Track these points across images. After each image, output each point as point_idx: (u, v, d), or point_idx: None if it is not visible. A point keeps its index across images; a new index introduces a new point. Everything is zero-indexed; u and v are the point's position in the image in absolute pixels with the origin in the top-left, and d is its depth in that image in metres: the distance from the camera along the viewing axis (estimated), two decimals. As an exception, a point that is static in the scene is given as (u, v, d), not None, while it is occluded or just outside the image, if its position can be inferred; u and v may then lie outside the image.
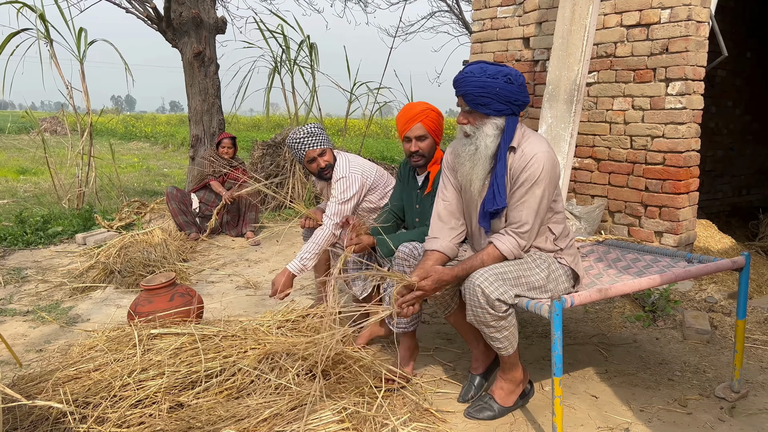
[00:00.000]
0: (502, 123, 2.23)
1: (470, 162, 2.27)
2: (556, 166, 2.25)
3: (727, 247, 4.56)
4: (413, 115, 2.73)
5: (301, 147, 3.23)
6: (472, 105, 2.21)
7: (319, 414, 2.17)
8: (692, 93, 4.10)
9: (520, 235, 2.23)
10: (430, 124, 2.73)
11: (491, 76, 2.17)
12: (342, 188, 3.21)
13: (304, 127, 3.27)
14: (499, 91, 2.17)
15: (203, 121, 6.99)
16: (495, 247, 2.23)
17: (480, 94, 2.17)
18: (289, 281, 3.11)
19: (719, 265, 2.52)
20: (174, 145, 18.80)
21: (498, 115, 2.21)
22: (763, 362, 2.93)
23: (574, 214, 4.43)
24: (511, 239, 2.23)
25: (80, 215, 5.99)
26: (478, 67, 2.20)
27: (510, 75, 2.19)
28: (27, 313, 3.72)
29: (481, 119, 2.23)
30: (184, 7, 6.67)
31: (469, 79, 2.19)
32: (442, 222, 2.42)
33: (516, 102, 2.21)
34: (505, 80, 2.18)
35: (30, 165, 12.14)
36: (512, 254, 2.23)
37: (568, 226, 2.45)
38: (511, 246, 2.22)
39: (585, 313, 3.60)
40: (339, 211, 3.18)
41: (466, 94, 2.21)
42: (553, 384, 2.06)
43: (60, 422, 2.16)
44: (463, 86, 2.21)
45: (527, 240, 2.24)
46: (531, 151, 2.21)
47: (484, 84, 2.17)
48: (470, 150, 2.26)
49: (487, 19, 5.36)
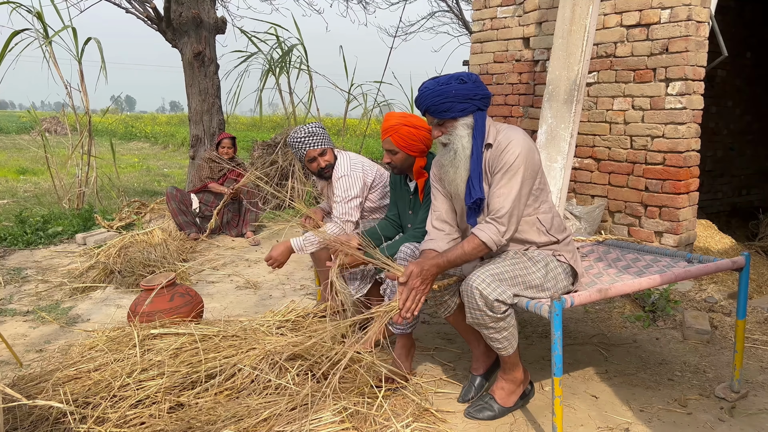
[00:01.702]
0: (471, 121, 2.30)
1: (452, 167, 2.32)
2: (533, 152, 2.27)
3: (727, 247, 4.56)
4: (385, 129, 2.75)
5: (301, 146, 3.23)
6: (438, 115, 2.29)
7: (319, 414, 2.17)
8: (692, 93, 4.10)
9: (497, 220, 2.21)
10: (399, 140, 2.71)
11: (444, 84, 2.28)
12: (344, 186, 3.21)
13: (305, 127, 3.27)
14: (455, 93, 2.26)
15: (203, 121, 6.99)
16: (474, 236, 2.22)
17: (440, 102, 2.27)
18: (287, 253, 3.16)
19: (719, 265, 2.52)
20: (174, 145, 18.81)
21: (464, 114, 2.29)
22: (763, 362, 2.93)
23: (574, 214, 4.43)
24: (489, 226, 2.22)
25: (80, 215, 5.99)
26: (430, 82, 2.33)
27: (461, 76, 2.30)
28: (27, 313, 3.72)
29: (451, 124, 2.31)
30: (184, 7, 6.67)
31: (426, 93, 2.30)
32: (436, 230, 2.45)
33: (476, 97, 2.28)
34: (458, 82, 2.28)
35: (30, 165, 12.15)
36: (492, 241, 2.20)
37: (561, 220, 2.44)
38: (490, 233, 2.20)
39: (585, 313, 3.60)
40: (346, 210, 3.18)
41: (428, 108, 2.30)
42: (553, 384, 2.06)
43: (60, 422, 2.16)
44: (424, 102, 2.31)
45: (506, 225, 2.21)
46: (506, 140, 2.26)
47: (439, 92, 2.27)
48: (450, 156, 2.32)
49: (487, 19, 5.36)
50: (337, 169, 3.27)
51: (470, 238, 2.24)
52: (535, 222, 2.33)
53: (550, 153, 4.09)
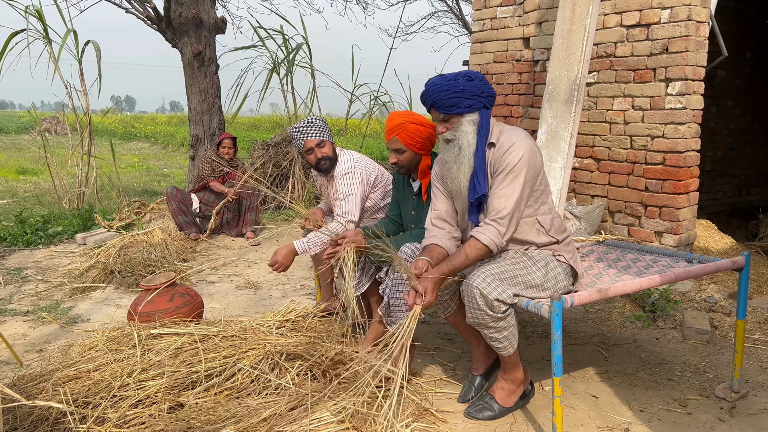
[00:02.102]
0: (477, 117, 2.31)
1: (456, 164, 2.32)
2: (535, 154, 2.28)
3: (727, 247, 4.56)
4: (391, 128, 2.73)
5: (300, 136, 3.25)
6: (444, 110, 2.30)
7: (319, 414, 2.17)
8: (692, 93, 4.10)
9: (497, 221, 2.22)
10: (406, 138, 2.69)
11: (452, 80, 2.29)
12: (347, 184, 3.23)
13: (306, 118, 3.31)
14: (463, 88, 2.27)
15: (203, 121, 7.00)
16: (475, 239, 2.22)
17: (447, 96, 2.27)
18: (290, 256, 3.15)
19: (719, 265, 2.52)
20: (174, 145, 18.81)
21: (470, 111, 2.29)
22: (763, 362, 2.93)
23: (574, 214, 4.43)
24: (489, 228, 2.22)
25: (80, 215, 5.99)
26: (437, 78, 2.34)
27: (469, 74, 2.31)
28: (27, 313, 3.72)
29: (456, 120, 2.31)
30: (184, 7, 6.67)
31: (433, 88, 2.30)
32: (436, 227, 2.45)
33: (482, 94, 2.29)
34: (466, 79, 2.29)
35: (30, 165, 12.15)
36: (493, 243, 2.21)
37: (561, 221, 2.44)
38: (491, 234, 2.21)
39: (585, 313, 3.60)
40: (349, 208, 3.19)
41: (435, 103, 2.31)
42: (553, 384, 2.06)
43: (60, 422, 2.16)
44: (431, 96, 2.31)
45: (506, 226, 2.22)
46: (509, 141, 2.26)
47: (447, 87, 2.27)
48: (455, 152, 2.31)
49: (487, 19, 5.36)
50: (339, 166, 3.28)
51: (472, 242, 2.24)
52: (534, 223, 2.33)
53: (550, 153, 4.09)
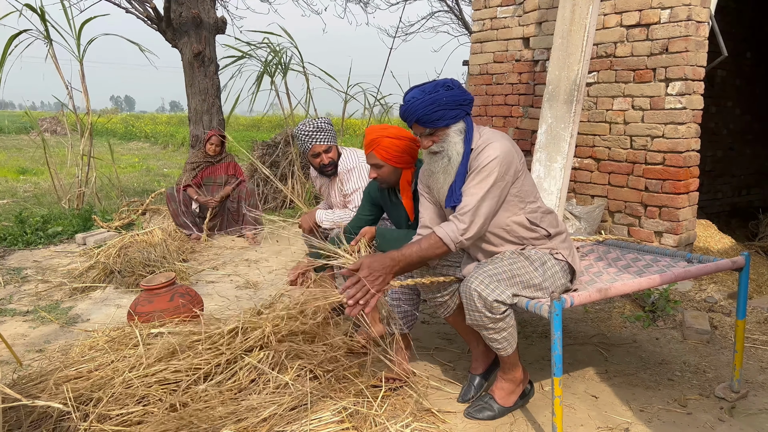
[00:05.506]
0: (463, 126, 2.27)
1: (444, 174, 2.28)
2: (511, 156, 2.22)
3: (727, 247, 4.56)
4: (366, 143, 2.63)
5: (308, 140, 3.28)
6: (430, 125, 2.23)
7: (319, 414, 2.17)
8: (692, 93, 4.10)
9: (458, 217, 2.19)
10: (383, 152, 2.57)
11: (432, 92, 2.21)
12: (355, 178, 3.30)
13: (314, 120, 3.31)
14: (446, 100, 2.20)
15: (203, 121, 6.99)
16: (432, 232, 2.21)
17: (432, 110, 2.20)
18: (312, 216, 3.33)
19: (719, 265, 2.52)
20: (174, 145, 18.79)
21: (456, 121, 2.25)
22: (763, 362, 2.93)
23: (574, 214, 4.43)
24: (449, 223, 2.20)
25: (80, 215, 5.99)
26: (416, 91, 2.24)
27: (447, 83, 2.25)
28: (27, 313, 3.72)
29: (443, 132, 2.25)
30: (184, 7, 6.67)
31: (415, 104, 2.21)
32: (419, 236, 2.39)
33: (465, 102, 2.25)
34: (445, 88, 2.22)
35: (30, 165, 12.14)
36: (449, 238, 2.17)
37: (555, 217, 2.41)
38: (448, 229, 2.18)
39: (585, 313, 3.60)
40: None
41: (419, 120, 2.23)
42: (553, 384, 2.06)
43: (61, 420, 2.16)
44: (413, 113, 2.22)
45: (467, 223, 2.17)
46: (484, 143, 2.23)
47: (431, 101, 2.20)
48: (443, 163, 2.27)
49: (487, 19, 5.36)
50: (344, 162, 3.32)
51: (428, 234, 2.22)
52: (522, 221, 2.31)
53: (550, 153, 4.09)
